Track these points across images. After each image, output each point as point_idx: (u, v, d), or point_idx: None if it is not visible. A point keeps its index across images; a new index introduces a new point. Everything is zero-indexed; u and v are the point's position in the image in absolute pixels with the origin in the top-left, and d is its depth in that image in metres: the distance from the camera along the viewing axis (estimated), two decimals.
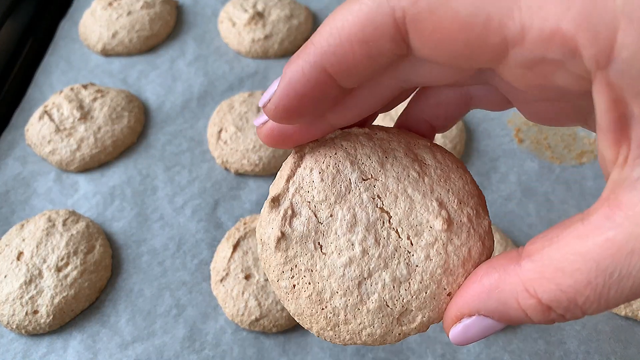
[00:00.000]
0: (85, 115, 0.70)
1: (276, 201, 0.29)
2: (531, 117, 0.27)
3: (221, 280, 0.57)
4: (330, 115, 0.28)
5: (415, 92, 0.31)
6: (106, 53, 0.80)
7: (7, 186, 0.66)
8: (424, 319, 0.27)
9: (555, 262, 0.20)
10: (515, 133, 0.71)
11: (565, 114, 0.26)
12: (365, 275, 0.27)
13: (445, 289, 0.26)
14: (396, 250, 0.27)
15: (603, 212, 0.20)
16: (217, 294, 0.57)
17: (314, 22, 0.86)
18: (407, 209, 0.27)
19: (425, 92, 0.31)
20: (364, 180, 0.28)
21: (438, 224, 0.27)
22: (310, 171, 0.29)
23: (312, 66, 0.24)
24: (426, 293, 0.26)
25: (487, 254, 0.27)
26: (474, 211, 0.28)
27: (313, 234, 0.27)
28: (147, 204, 0.65)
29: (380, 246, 0.27)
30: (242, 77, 0.78)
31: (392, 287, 0.26)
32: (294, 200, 0.28)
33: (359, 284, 0.27)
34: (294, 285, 0.27)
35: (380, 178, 0.28)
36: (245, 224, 0.61)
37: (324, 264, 0.27)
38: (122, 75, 0.78)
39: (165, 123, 0.73)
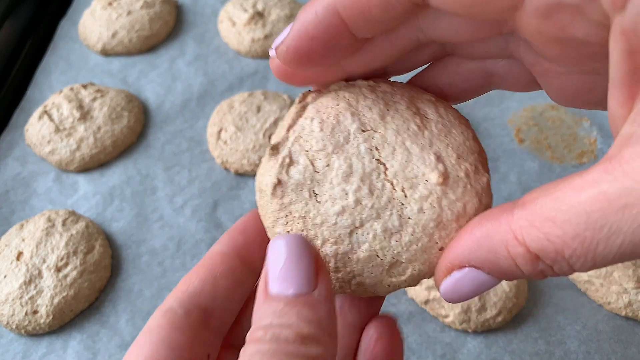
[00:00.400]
0: (84, 115, 0.69)
1: (275, 149, 0.29)
2: (557, 95, 0.27)
3: None
4: (344, 62, 0.28)
5: (434, 61, 0.31)
6: (106, 53, 0.80)
7: (6, 186, 0.66)
8: (414, 271, 0.26)
9: (547, 212, 0.20)
10: (516, 133, 0.71)
11: (589, 89, 0.25)
12: (357, 225, 0.26)
13: (437, 243, 0.26)
14: (390, 202, 0.27)
15: (603, 166, 0.19)
16: None
17: None
18: (403, 161, 0.27)
19: (444, 60, 0.30)
20: (363, 131, 0.28)
21: (433, 177, 0.26)
22: (311, 121, 0.28)
23: (326, 9, 0.23)
24: (417, 246, 0.26)
25: (483, 210, 0.27)
26: (473, 167, 0.27)
27: (309, 182, 0.27)
28: (146, 204, 0.65)
29: (374, 197, 0.26)
30: (242, 76, 0.78)
31: (383, 238, 0.26)
32: (292, 148, 0.28)
33: (351, 232, 0.26)
34: (288, 232, 0.27)
35: (379, 130, 0.28)
36: None
37: (318, 212, 0.27)
38: (122, 75, 0.78)
39: (164, 123, 0.73)
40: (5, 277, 0.56)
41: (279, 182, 0.28)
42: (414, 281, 0.27)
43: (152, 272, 0.60)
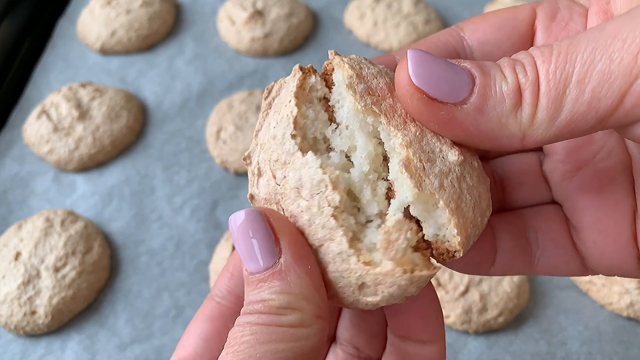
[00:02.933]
0: (83, 114, 0.69)
1: (247, 159, 0.28)
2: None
3: None
4: None
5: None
6: (104, 52, 0.80)
7: (4, 186, 0.66)
8: (385, 295, 0.24)
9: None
10: None
11: None
12: (317, 245, 0.25)
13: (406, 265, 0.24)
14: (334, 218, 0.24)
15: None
16: None
17: (314, 20, 0.86)
18: (417, 134, 0.25)
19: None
20: (370, 95, 0.25)
21: (453, 155, 0.25)
22: (269, 125, 0.26)
23: None
24: (377, 270, 0.23)
25: (490, 212, 0.26)
26: (480, 164, 0.26)
27: (273, 195, 0.26)
28: (145, 204, 0.65)
29: (324, 215, 0.24)
30: (242, 76, 0.78)
31: (341, 261, 0.24)
32: (259, 158, 0.27)
33: (315, 252, 0.25)
34: None
35: (387, 99, 0.26)
36: None
37: None
38: (121, 74, 0.78)
39: (164, 122, 0.72)
40: (3, 277, 0.56)
41: (252, 197, 0.28)
42: (395, 300, 0.24)
43: (151, 272, 0.59)
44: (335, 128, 0.26)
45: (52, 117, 0.69)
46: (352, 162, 0.26)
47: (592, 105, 0.21)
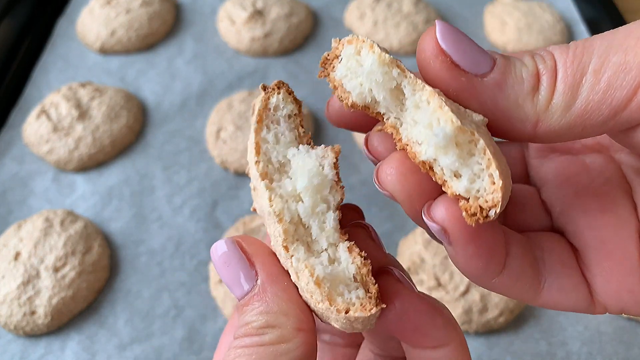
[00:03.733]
0: (83, 114, 0.69)
1: (249, 174, 0.28)
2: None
3: (220, 281, 0.56)
4: None
5: None
6: (104, 51, 0.80)
7: (4, 186, 0.65)
8: (338, 324, 0.24)
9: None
10: None
11: None
12: (297, 272, 0.25)
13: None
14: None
15: None
16: (217, 295, 0.57)
17: (314, 20, 0.86)
18: (441, 95, 0.24)
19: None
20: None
21: (478, 116, 0.24)
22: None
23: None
24: (321, 305, 0.24)
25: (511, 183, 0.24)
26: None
27: (265, 216, 0.27)
28: (145, 204, 0.64)
29: (296, 246, 0.25)
30: (242, 75, 0.78)
31: (307, 293, 0.24)
32: (252, 174, 0.27)
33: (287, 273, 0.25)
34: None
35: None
36: (244, 224, 0.60)
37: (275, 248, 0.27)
38: (121, 74, 0.78)
39: (163, 122, 0.72)
40: (3, 277, 0.56)
41: (254, 210, 0.28)
42: (358, 329, 0.24)
43: (151, 272, 0.59)
44: (292, 152, 0.26)
45: (52, 117, 0.69)
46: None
47: (607, 94, 0.21)
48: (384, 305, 0.23)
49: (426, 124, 0.23)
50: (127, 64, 0.79)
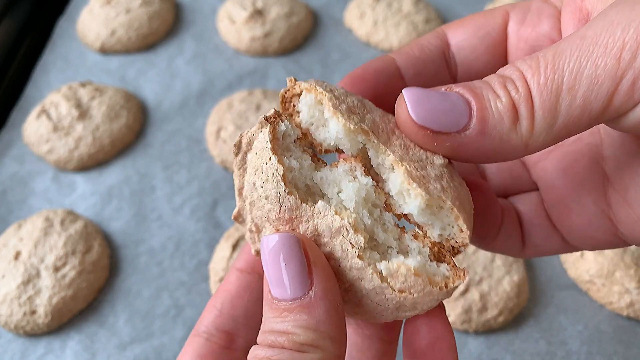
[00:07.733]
0: (83, 113, 0.69)
1: (238, 218, 0.28)
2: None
3: (220, 281, 0.56)
4: None
5: None
6: (104, 51, 0.80)
7: (4, 185, 0.66)
8: (424, 308, 0.25)
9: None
10: None
11: None
12: (346, 286, 0.25)
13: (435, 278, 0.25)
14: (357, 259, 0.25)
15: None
16: None
17: (314, 19, 0.86)
18: (403, 146, 0.26)
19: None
20: (353, 113, 0.26)
21: (438, 160, 0.26)
22: (252, 184, 0.26)
23: None
24: (415, 295, 0.24)
25: (472, 204, 0.27)
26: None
27: None
28: (145, 203, 0.64)
29: (349, 257, 0.24)
30: (242, 75, 0.78)
31: (375, 294, 0.25)
32: (253, 215, 0.27)
33: (344, 292, 0.26)
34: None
35: (368, 115, 0.27)
36: None
37: None
38: (120, 74, 0.78)
39: (163, 122, 0.72)
40: (3, 277, 0.56)
41: (258, 253, 0.28)
42: (432, 307, 0.25)
43: (151, 272, 0.59)
44: (320, 174, 0.26)
45: (52, 117, 0.69)
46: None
47: (585, 108, 0.22)
48: (468, 270, 0.27)
49: (397, 192, 0.26)
50: (127, 64, 0.79)
